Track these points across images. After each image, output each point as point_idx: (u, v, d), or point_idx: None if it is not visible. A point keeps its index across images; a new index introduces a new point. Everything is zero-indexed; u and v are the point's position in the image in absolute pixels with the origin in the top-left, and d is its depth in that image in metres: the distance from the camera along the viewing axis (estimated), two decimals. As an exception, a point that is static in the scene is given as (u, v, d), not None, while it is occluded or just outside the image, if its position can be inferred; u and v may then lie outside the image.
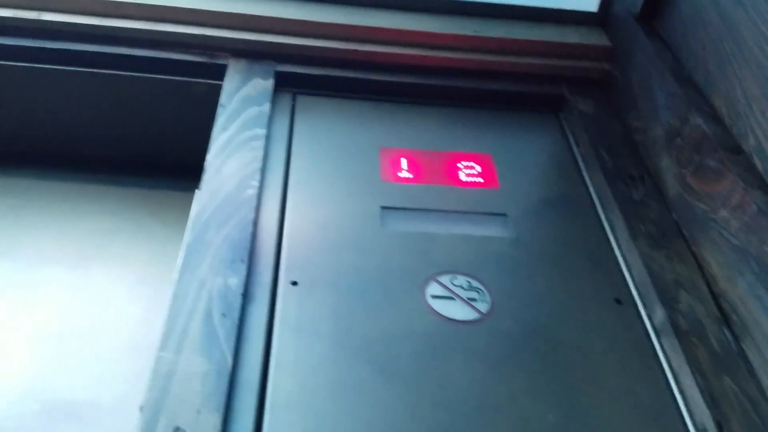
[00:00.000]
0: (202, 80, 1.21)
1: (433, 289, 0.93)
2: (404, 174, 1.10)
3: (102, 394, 0.98)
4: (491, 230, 1.03)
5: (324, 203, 1.03)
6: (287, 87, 1.22)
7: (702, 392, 0.81)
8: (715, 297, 0.93)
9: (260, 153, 1.05)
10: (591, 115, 1.23)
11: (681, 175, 1.04)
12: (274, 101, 1.17)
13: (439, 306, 0.90)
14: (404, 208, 1.04)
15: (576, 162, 1.18)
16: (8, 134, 1.32)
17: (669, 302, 0.91)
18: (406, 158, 1.13)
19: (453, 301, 0.91)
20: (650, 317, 0.92)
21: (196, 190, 0.99)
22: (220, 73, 1.20)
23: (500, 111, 1.26)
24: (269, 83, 1.19)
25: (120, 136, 1.32)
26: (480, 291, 0.93)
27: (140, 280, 1.14)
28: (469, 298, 0.92)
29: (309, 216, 1.01)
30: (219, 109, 1.13)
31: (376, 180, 1.08)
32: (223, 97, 1.15)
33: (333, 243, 0.97)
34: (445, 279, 0.94)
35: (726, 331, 0.89)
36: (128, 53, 1.20)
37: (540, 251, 1.00)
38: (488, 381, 0.83)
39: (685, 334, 0.87)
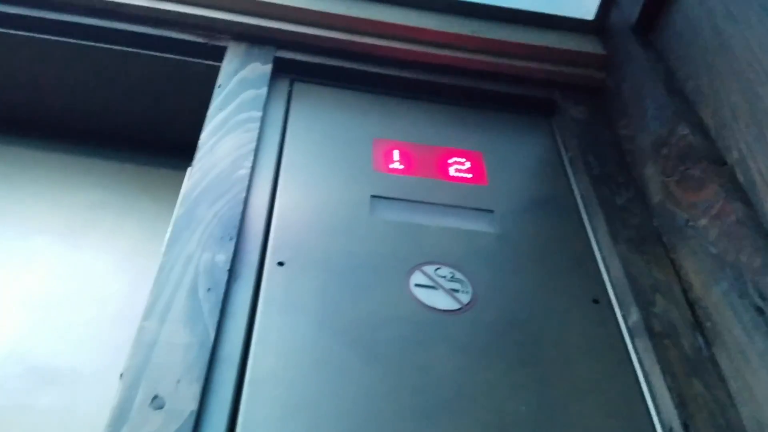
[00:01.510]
0: (201, 60, 1.22)
1: (418, 278, 0.94)
2: (396, 165, 1.12)
3: (83, 361, 0.99)
4: (477, 225, 1.05)
5: (315, 188, 1.05)
6: (285, 73, 1.23)
7: (671, 393, 0.83)
8: (690, 303, 0.95)
9: (255, 135, 1.07)
10: (582, 121, 1.25)
11: (665, 183, 1.07)
12: (271, 86, 1.18)
13: (422, 294, 0.92)
14: (394, 198, 1.06)
15: (564, 165, 1.20)
16: (4, 102, 1.33)
17: (644, 305, 0.93)
18: (398, 150, 1.14)
19: (436, 291, 0.93)
20: (625, 318, 0.94)
21: (189, 168, 1.00)
22: (219, 54, 1.21)
23: (494, 111, 1.28)
24: (268, 68, 1.20)
25: (116, 110, 1.32)
26: (463, 282, 0.95)
27: (128, 253, 1.15)
28: (451, 289, 0.94)
29: (299, 200, 1.02)
30: (216, 90, 1.14)
31: (368, 169, 1.10)
32: (221, 79, 1.16)
33: (322, 227, 0.99)
34: (429, 269, 0.96)
35: (699, 336, 0.91)
36: (129, 29, 1.21)
37: (523, 248, 1.02)
38: (465, 370, 0.85)
39: (658, 337, 0.89)
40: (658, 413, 0.84)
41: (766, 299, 0.83)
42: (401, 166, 1.12)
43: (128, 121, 1.34)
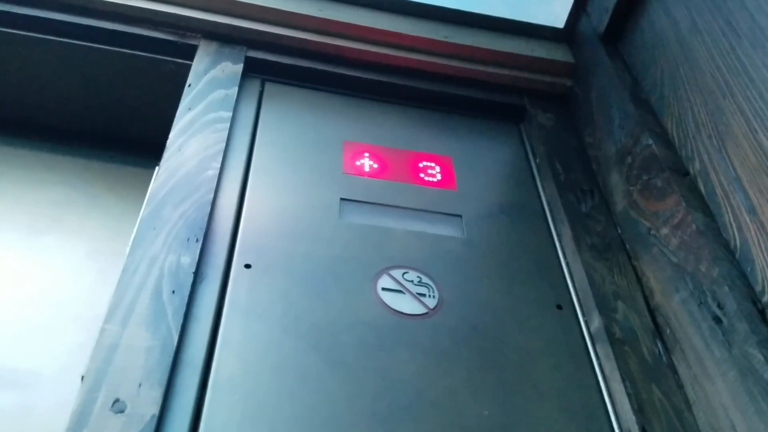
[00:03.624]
0: (172, 59, 1.21)
1: (385, 281, 0.95)
2: (366, 168, 1.12)
3: (45, 363, 0.97)
4: (445, 230, 1.05)
5: (284, 190, 1.04)
6: (257, 73, 1.22)
7: (630, 398, 0.85)
8: (651, 310, 0.97)
9: (224, 135, 1.06)
10: (549, 129, 1.27)
11: (628, 191, 1.08)
12: (242, 86, 1.17)
13: (388, 298, 0.93)
14: (363, 202, 1.06)
15: (531, 172, 1.21)
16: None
17: (606, 311, 0.95)
18: (368, 153, 1.15)
19: (402, 295, 0.94)
20: (587, 324, 0.96)
21: (156, 167, 0.99)
22: (190, 53, 1.20)
23: (464, 116, 1.29)
24: (238, 67, 1.19)
25: (84, 107, 1.30)
26: (429, 287, 0.95)
27: (92, 253, 1.13)
28: (418, 293, 0.94)
29: (268, 202, 1.02)
30: (186, 89, 1.13)
31: (337, 172, 1.10)
32: (191, 78, 1.15)
33: (290, 230, 0.99)
34: (396, 273, 0.96)
35: (658, 342, 0.93)
36: (100, 25, 1.19)
37: (490, 253, 1.03)
38: (429, 374, 0.85)
39: (619, 343, 0.91)
40: (617, 418, 0.86)
41: (724, 308, 0.85)
42: (371, 170, 1.12)
43: (96, 117, 1.32)
